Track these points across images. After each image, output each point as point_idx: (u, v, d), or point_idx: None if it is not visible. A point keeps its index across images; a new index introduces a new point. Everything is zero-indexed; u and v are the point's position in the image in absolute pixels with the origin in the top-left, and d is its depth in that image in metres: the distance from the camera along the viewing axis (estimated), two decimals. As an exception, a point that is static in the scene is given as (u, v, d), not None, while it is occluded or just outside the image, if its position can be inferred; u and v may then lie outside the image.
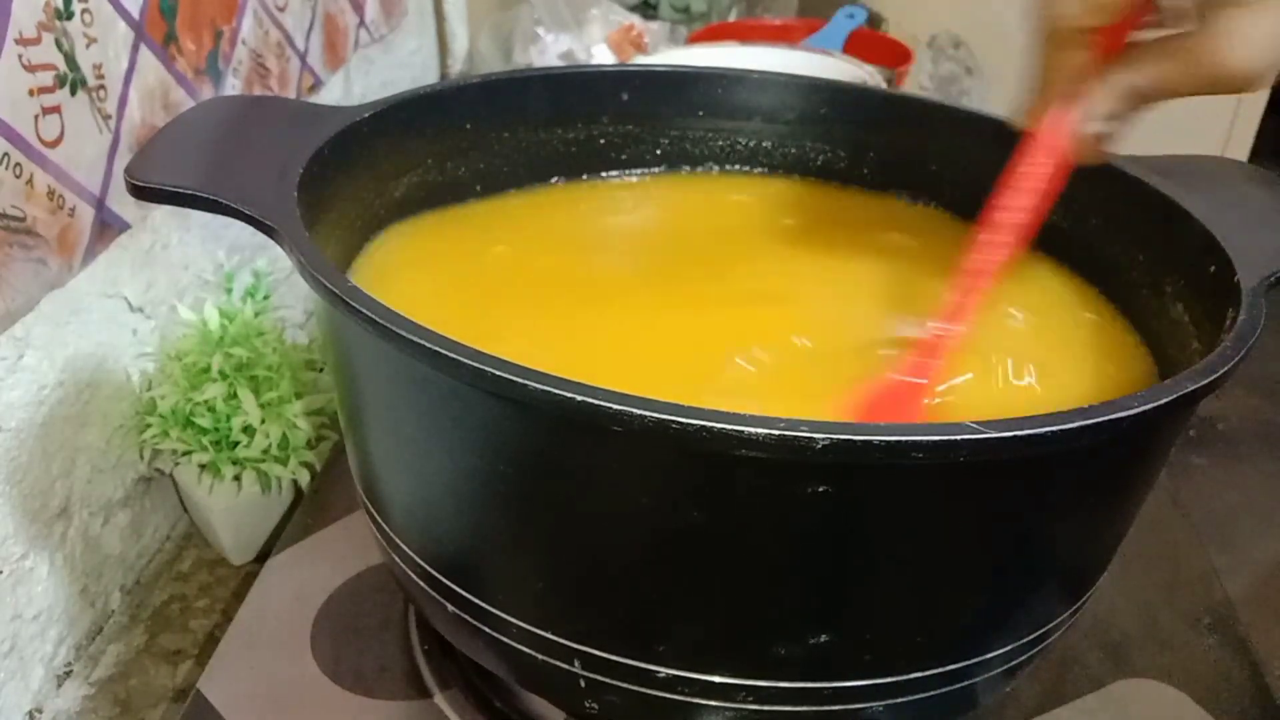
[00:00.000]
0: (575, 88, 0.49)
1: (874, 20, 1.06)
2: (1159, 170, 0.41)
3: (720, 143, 0.52)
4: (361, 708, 0.41)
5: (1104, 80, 0.32)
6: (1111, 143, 0.33)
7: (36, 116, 0.44)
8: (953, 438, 0.25)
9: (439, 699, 0.42)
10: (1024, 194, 0.34)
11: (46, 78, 0.45)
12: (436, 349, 0.27)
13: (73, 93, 0.46)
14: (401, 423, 0.32)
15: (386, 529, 0.37)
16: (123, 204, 0.51)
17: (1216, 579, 0.49)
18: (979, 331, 0.38)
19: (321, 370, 0.57)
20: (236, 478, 0.53)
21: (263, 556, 0.56)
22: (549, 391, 0.25)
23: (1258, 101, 1.40)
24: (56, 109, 0.45)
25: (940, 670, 0.32)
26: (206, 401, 0.51)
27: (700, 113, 0.51)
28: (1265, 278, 0.34)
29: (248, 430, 0.52)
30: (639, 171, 0.52)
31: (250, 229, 0.33)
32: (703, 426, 0.24)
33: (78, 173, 0.47)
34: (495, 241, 0.46)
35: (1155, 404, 0.27)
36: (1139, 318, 0.42)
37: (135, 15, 0.51)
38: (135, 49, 0.51)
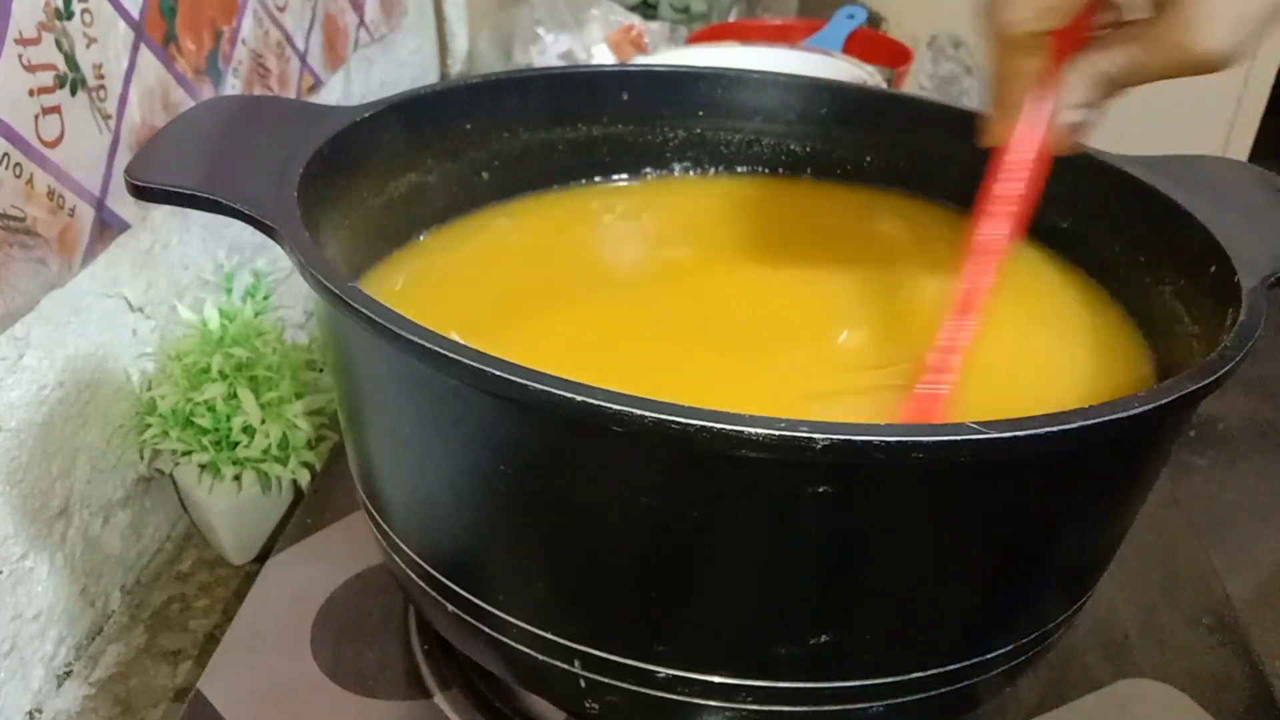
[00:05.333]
0: (575, 88, 0.49)
1: (874, 20, 1.06)
2: (1159, 170, 0.41)
3: (720, 143, 0.52)
4: (361, 708, 0.41)
5: (1075, 70, 0.31)
6: (1087, 131, 0.33)
7: (36, 116, 0.44)
8: (953, 438, 0.25)
9: (439, 699, 0.42)
10: (1004, 202, 0.34)
11: (46, 78, 0.45)
12: (436, 349, 0.27)
13: (73, 93, 0.46)
14: (401, 423, 0.32)
15: (386, 529, 0.37)
16: (123, 204, 0.51)
17: (1216, 579, 0.49)
18: (982, 331, 0.38)
19: (321, 370, 0.57)
20: (236, 478, 0.53)
21: (263, 556, 0.55)
22: (549, 392, 0.25)
23: (1258, 101, 1.40)
24: (56, 109, 0.45)
25: (940, 670, 0.32)
26: (206, 401, 0.51)
27: (700, 113, 0.51)
28: (1265, 278, 0.34)
29: (248, 430, 0.52)
30: (639, 174, 0.52)
31: (250, 229, 0.33)
32: (703, 427, 0.24)
33: (78, 173, 0.47)
34: (498, 249, 0.46)
35: (1155, 404, 0.27)
36: (1141, 317, 0.42)
37: (135, 15, 0.51)
38: (135, 49, 0.51)
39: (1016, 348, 0.41)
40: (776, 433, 0.24)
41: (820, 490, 0.26)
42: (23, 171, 0.44)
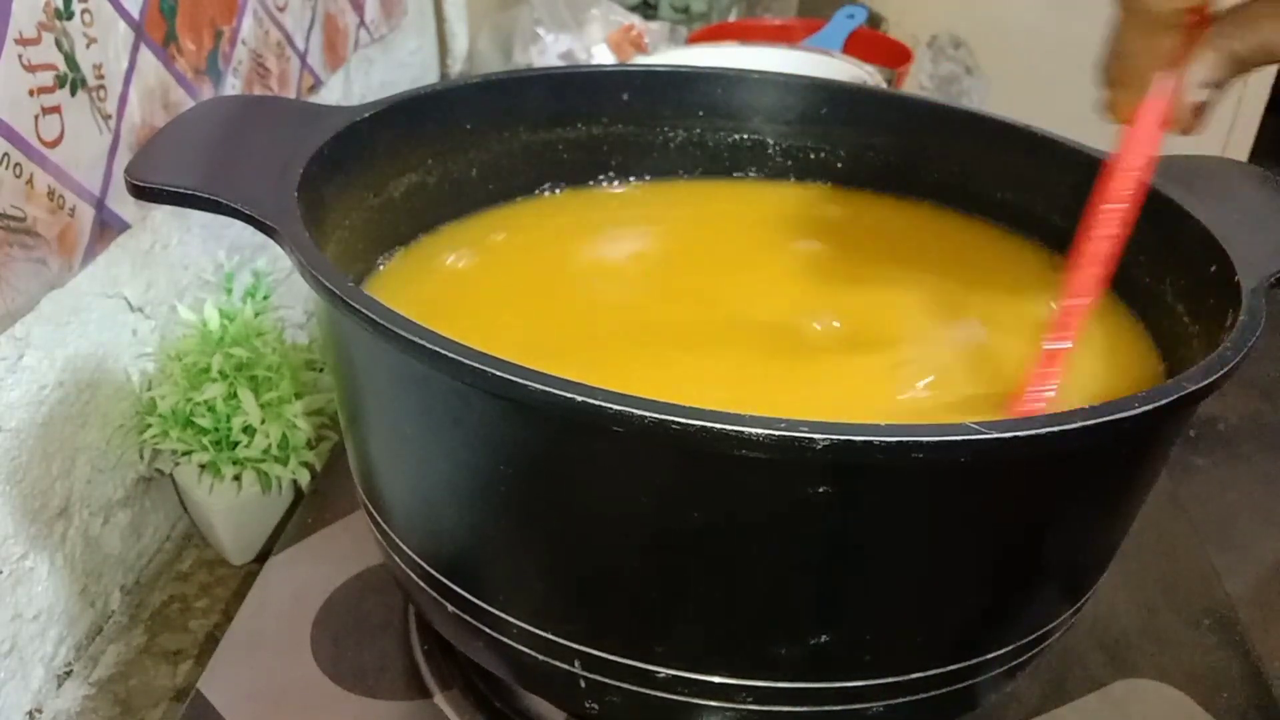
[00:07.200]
0: (575, 88, 0.49)
1: (874, 20, 1.06)
2: (1159, 170, 0.41)
3: (720, 143, 0.52)
4: (361, 708, 0.41)
5: (1207, 47, 0.31)
6: (1208, 113, 0.32)
7: (36, 116, 0.44)
8: (953, 438, 0.25)
9: (439, 699, 0.42)
10: (1127, 187, 0.33)
11: (46, 78, 0.45)
12: (436, 349, 0.27)
13: (73, 93, 0.46)
14: (401, 423, 0.32)
15: (386, 529, 0.37)
16: (123, 204, 0.51)
17: (1216, 579, 0.49)
18: (985, 333, 0.38)
19: (321, 370, 0.57)
20: (236, 478, 0.53)
21: (263, 556, 0.55)
22: (549, 392, 0.25)
23: (1258, 101, 1.40)
24: (56, 109, 0.45)
25: (940, 670, 0.32)
26: (206, 401, 0.51)
27: (700, 113, 0.51)
28: (1265, 278, 0.34)
29: (248, 430, 0.52)
30: (640, 175, 0.51)
31: (250, 229, 0.33)
32: (703, 427, 0.24)
33: (78, 173, 0.47)
34: (498, 249, 0.46)
35: (1155, 404, 0.27)
36: (1145, 317, 0.42)
37: (135, 15, 0.51)
38: (135, 49, 0.51)
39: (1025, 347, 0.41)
40: (776, 433, 0.24)
41: (821, 490, 0.26)
42: (23, 171, 0.44)
